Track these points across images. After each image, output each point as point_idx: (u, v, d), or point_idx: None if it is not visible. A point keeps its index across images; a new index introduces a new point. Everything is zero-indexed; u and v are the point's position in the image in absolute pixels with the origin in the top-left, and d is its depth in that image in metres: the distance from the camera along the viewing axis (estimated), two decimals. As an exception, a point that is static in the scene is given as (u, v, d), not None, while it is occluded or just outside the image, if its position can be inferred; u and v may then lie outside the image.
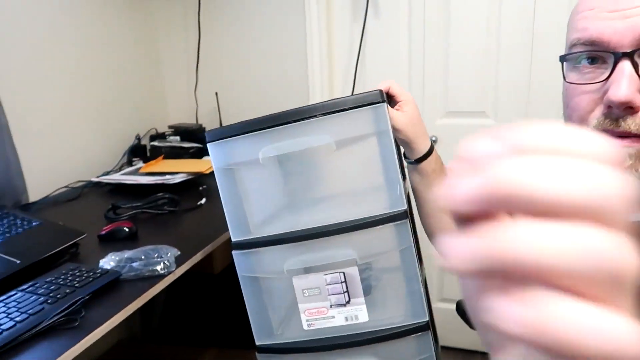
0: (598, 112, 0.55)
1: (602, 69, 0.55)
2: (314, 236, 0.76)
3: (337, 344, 0.79)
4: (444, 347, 0.70)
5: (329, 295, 0.78)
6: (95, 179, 1.68)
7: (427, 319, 0.78)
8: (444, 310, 1.93)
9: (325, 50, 1.98)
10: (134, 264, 0.98)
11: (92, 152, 1.81)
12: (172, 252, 1.04)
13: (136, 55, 2.05)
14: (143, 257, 1.01)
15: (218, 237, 1.18)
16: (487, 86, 1.86)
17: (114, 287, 0.94)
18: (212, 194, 1.54)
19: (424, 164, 0.85)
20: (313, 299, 0.78)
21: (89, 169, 1.76)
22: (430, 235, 0.92)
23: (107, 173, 1.78)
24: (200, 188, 1.50)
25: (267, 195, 0.86)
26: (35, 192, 1.52)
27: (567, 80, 0.60)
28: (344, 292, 0.77)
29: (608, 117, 0.54)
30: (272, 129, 0.77)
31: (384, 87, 0.81)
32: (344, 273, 0.77)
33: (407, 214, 0.75)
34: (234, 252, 0.82)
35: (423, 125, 0.87)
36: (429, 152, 0.87)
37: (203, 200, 1.44)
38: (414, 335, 0.77)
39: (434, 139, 1.98)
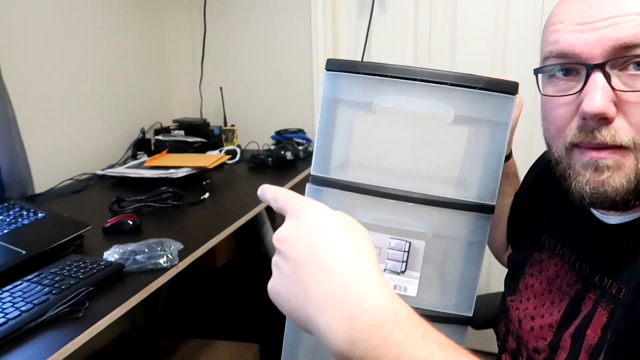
0: (574, 124, 0.57)
1: (575, 81, 0.57)
2: (397, 197, 0.72)
3: None
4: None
5: (387, 259, 0.74)
6: (100, 172, 1.69)
7: (471, 315, 0.76)
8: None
9: (331, 46, 1.99)
10: (138, 257, 0.99)
11: (98, 145, 1.82)
12: (175, 246, 1.05)
13: (142, 50, 2.06)
14: (147, 250, 1.02)
15: (221, 231, 1.19)
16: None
17: (118, 279, 0.95)
18: (216, 188, 1.55)
19: (506, 165, 0.84)
20: None
21: (94, 162, 1.77)
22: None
23: (111, 166, 1.79)
24: (204, 183, 1.51)
25: (363, 142, 0.82)
26: (41, 184, 1.53)
27: (542, 92, 0.63)
28: (403, 262, 0.74)
29: (583, 130, 0.55)
30: (399, 79, 0.70)
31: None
32: (410, 243, 0.74)
33: (493, 210, 0.72)
34: (308, 185, 0.78)
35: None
36: (509, 155, 0.87)
37: (206, 195, 1.45)
38: (453, 325, 0.76)
39: (437, 137, 1.98)
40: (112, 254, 1.01)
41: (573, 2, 0.57)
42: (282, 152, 1.81)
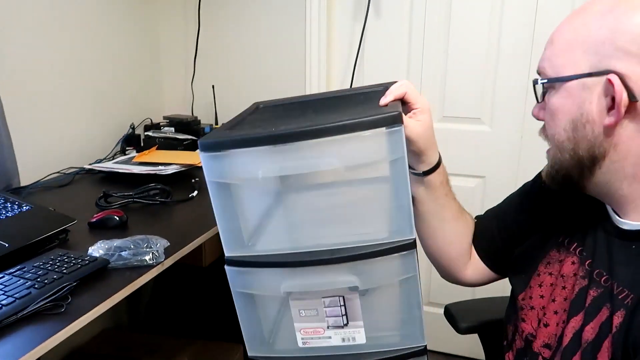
0: None
1: None
2: (315, 262, 0.71)
3: None
4: (429, 351, 0.76)
5: (327, 317, 0.75)
6: (87, 166, 1.67)
7: (425, 343, 0.76)
8: (430, 314, 1.94)
9: (324, 48, 1.99)
10: (123, 253, 0.98)
11: (86, 139, 1.80)
12: (161, 243, 1.04)
13: (134, 45, 2.05)
14: (132, 247, 1.01)
15: (208, 230, 1.18)
16: (485, 93, 1.87)
17: (102, 275, 0.94)
18: (205, 186, 1.54)
19: (432, 176, 0.84)
20: (310, 319, 0.76)
21: (81, 156, 1.76)
22: (428, 248, 0.93)
23: (100, 161, 1.77)
24: (193, 180, 1.50)
25: (265, 212, 0.81)
26: (27, 176, 1.51)
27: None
28: (343, 315, 0.75)
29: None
30: (275, 146, 0.66)
31: (399, 93, 0.76)
32: (343, 297, 0.74)
33: (415, 244, 0.70)
34: (227, 268, 0.76)
35: (434, 135, 0.83)
36: (438, 163, 0.85)
37: (195, 193, 1.44)
38: (413, 358, 0.76)
39: (428, 142, 1.98)
40: (97, 250, 1.00)
41: None
42: (273, 153, 1.81)
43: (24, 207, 1.17)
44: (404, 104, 0.78)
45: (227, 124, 0.81)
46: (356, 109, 0.81)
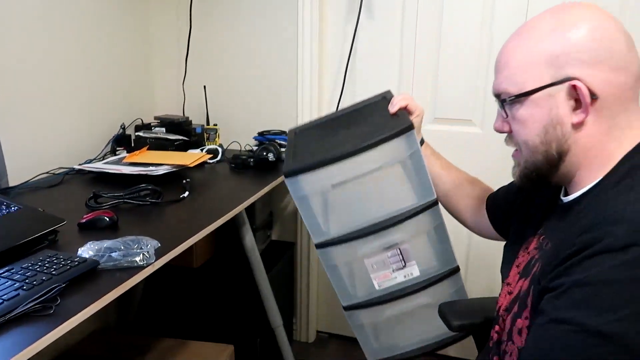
0: None
1: None
2: (375, 231, 1.09)
3: (400, 295, 1.15)
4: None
5: (391, 264, 1.13)
6: (77, 167, 1.66)
7: (457, 264, 1.17)
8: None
9: (317, 49, 1.99)
10: (113, 254, 0.98)
11: (76, 139, 1.79)
12: (152, 244, 1.03)
13: (125, 44, 2.04)
14: (122, 248, 1.00)
15: (199, 231, 1.18)
16: (476, 94, 1.88)
17: (92, 276, 0.93)
18: (196, 187, 1.54)
19: (424, 149, 1.21)
20: (380, 268, 1.13)
21: (71, 156, 1.74)
22: (439, 193, 1.17)
23: (90, 161, 1.76)
24: (184, 181, 1.49)
25: (338, 207, 1.13)
26: (16, 176, 1.50)
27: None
28: (401, 260, 1.12)
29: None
30: (334, 164, 1.04)
31: (403, 104, 1.15)
32: (399, 248, 1.11)
33: (437, 201, 1.10)
34: (318, 251, 1.14)
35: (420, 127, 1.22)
36: (422, 141, 1.23)
37: (186, 194, 1.43)
38: (451, 276, 1.16)
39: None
40: (87, 251, 0.99)
41: None
42: (264, 153, 1.81)
43: (13, 208, 1.16)
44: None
45: (288, 154, 1.14)
46: (374, 121, 1.16)
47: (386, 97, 1.20)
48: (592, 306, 0.61)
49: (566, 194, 0.84)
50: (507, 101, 0.81)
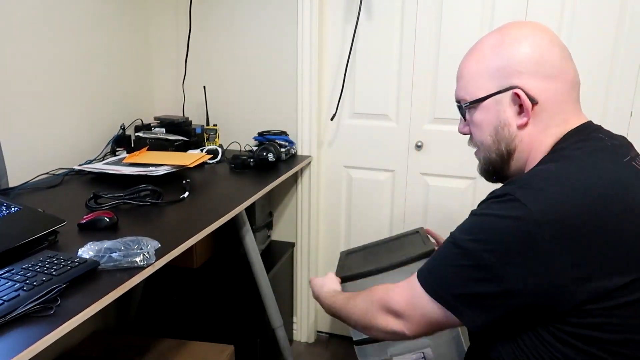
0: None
1: None
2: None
3: None
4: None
5: None
6: (77, 167, 1.66)
7: None
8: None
9: (316, 49, 1.99)
10: (113, 255, 0.98)
11: (76, 139, 1.79)
12: (152, 244, 1.03)
13: (125, 45, 2.04)
14: (123, 248, 1.00)
15: (199, 231, 1.18)
16: (474, 94, 1.88)
17: (92, 277, 0.93)
18: (196, 188, 1.54)
19: None
20: None
21: (71, 157, 1.74)
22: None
23: (90, 161, 1.76)
24: (184, 181, 1.50)
25: None
26: (16, 177, 1.50)
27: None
28: None
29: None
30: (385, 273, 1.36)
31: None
32: (422, 352, 1.38)
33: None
34: (355, 347, 1.44)
35: None
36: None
37: (186, 194, 1.43)
38: None
39: (419, 144, 2.00)
40: (87, 251, 0.99)
41: None
42: (264, 154, 1.81)
43: (13, 208, 1.16)
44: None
45: (346, 269, 1.45)
46: (407, 247, 1.45)
47: (419, 232, 1.53)
48: (465, 228, 0.84)
49: None
50: (464, 107, 0.94)
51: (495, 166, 0.94)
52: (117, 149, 1.91)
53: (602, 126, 0.92)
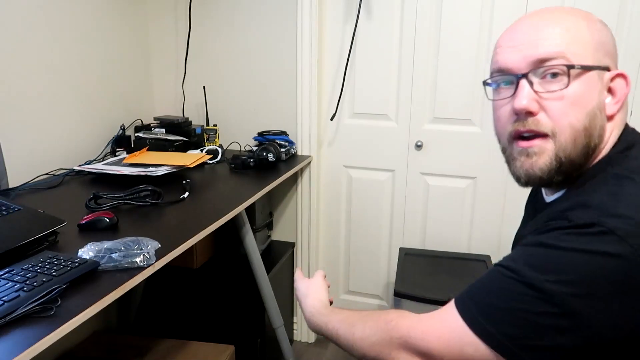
0: (512, 119, 0.75)
1: (512, 88, 0.75)
2: None
3: None
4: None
5: None
6: (77, 168, 1.66)
7: None
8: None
9: (316, 49, 1.99)
10: (114, 255, 0.98)
11: (76, 140, 1.79)
12: (152, 245, 1.03)
13: (125, 45, 2.04)
14: (123, 249, 1.00)
15: (199, 232, 1.18)
16: (475, 94, 1.88)
17: (92, 277, 0.93)
18: (196, 188, 1.54)
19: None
20: None
21: (71, 157, 1.74)
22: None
23: (89, 162, 1.76)
24: (184, 182, 1.49)
25: None
26: (16, 177, 1.50)
27: (489, 98, 0.83)
28: None
29: (517, 121, 0.74)
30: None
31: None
32: None
33: None
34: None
35: None
36: None
37: (186, 194, 1.43)
38: None
39: (419, 143, 1.99)
40: (87, 252, 0.99)
41: (506, 31, 0.77)
42: (264, 154, 1.81)
43: (13, 209, 1.16)
44: None
45: (406, 281, 1.40)
46: (471, 278, 1.44)
47: (485, 262, 1.50)
48: (538, 264, 0.64)
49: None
50: (567, 68, 0.69)
51: (573, 163, 0.71)
52: (117, 150, 1.91)
53: None
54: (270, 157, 1.80)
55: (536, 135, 0.72)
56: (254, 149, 1.88)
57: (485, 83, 0.82)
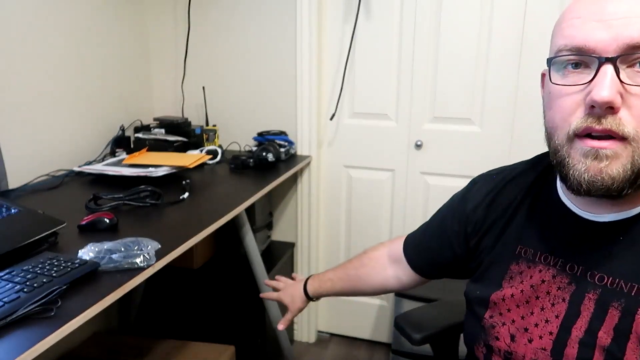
0: (580, 112, 0.60)
1: (585, 74, 0.60)
2: None
3: None
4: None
5: None
6: (77, 169, 1.66)
7: None
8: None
9: (315, 49, 1.99)
10: (114, 256, 0.98)
11: (75, 141, 1.79)
12: (152, 245, 1.03)
13: (124, 45, 2.04)
14: (123, 249, 1.00)
15: (199, 232, 1.18)
16: (475, 93, 1.88)
17: (93, 278, 0.93)
18: (196, 188, 1.53)
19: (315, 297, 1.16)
20: None
21: (71, 158, 1.74)
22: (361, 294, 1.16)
23: (89, 163, 1.76)
24: (184, 182, 1.49)
25: None
26: (16, 179, 1.50)
27: (552, 81, 0.64)
28: None
29: (590, 116, 0.59)
30: None
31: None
32: None
33: None
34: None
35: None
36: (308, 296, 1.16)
37: (186, 195, 1.43)
38: None
39: (419, 143, 1.99)
40: (87, 253, 0.99)
41: (589, 0, 0.60)
42: (264, 154, 1.81)
43: (12, 210, 1.16)
44: None
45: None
46: None
47: None
48: None
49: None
50: None
51: None
52: (117, 150, 1.91)
53: None
54: (270, 157, 1.80)
55: (612, 136, 0.59)
56: (254, 149, 1.88)
57: (550, 62, 0.65)
